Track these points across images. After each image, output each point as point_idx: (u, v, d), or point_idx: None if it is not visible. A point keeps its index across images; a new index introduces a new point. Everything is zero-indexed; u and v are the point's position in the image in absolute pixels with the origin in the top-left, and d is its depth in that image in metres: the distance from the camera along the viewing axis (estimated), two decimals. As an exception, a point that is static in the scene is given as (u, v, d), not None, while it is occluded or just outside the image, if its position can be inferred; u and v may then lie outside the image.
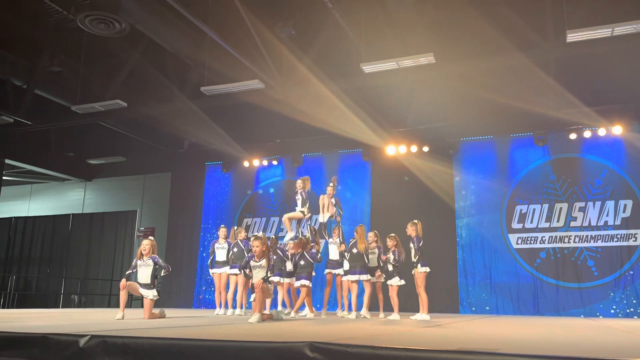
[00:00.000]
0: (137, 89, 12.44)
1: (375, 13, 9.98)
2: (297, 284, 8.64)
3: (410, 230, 8.13)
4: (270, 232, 13.96)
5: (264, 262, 6.48)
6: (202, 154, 14.58)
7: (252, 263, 6.57)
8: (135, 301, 14.80)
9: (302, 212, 9.00)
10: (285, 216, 9.26)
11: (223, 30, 9.38)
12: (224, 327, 4.98)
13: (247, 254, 8.02)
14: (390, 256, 8.10)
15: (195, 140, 14.16)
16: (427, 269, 8.03)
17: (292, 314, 8.44)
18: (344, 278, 8.54)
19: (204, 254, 13.90)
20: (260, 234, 7.09)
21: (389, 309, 8.47)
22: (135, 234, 15.61)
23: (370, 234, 8.79)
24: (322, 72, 10.71)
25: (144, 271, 7.18)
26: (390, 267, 8.12)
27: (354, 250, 8.35)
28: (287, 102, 11.26)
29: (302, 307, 8.74)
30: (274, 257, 8.30)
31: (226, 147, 13.47)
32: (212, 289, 13.87)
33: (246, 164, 14.19)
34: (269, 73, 10.57)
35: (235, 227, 9.78)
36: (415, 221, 8.21)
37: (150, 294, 7.08)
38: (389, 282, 8.17)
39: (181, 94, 11.95)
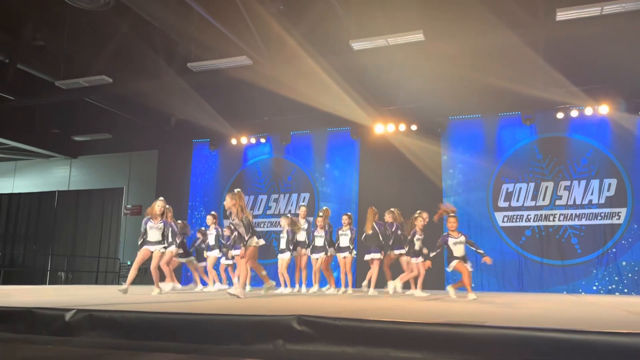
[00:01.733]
0: (123, 64, 12.22)
1: (365, -11, 9.86)
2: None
3: (388, 217, 8.91)
4: (258, 210, 13.97)
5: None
6: (190, 131, 14.44)
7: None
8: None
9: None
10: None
11: (211, 5, 9.20)
12: (212, 302, 5.00)
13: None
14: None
15: (183, 117, 14.01)
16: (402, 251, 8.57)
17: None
18: (366, 257, 8.72)
19: (192, 232, 13.88)
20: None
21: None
22: (122, 212, 15.53)
23: (344, 217, 9.09)
24: (311, 49, 10.58)
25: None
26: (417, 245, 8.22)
27: (370, 232, 8.68)
28: (275, 79, 11.14)
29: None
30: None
31: (214, 124, 13.34)
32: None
33: (234, 141, 14.10)
34: (257, 49, 10.44)
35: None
36: (392, 209, 8.94)
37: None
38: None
39: (168, 70, 11.76)
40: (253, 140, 14.13)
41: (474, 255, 11.63)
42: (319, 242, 9.08)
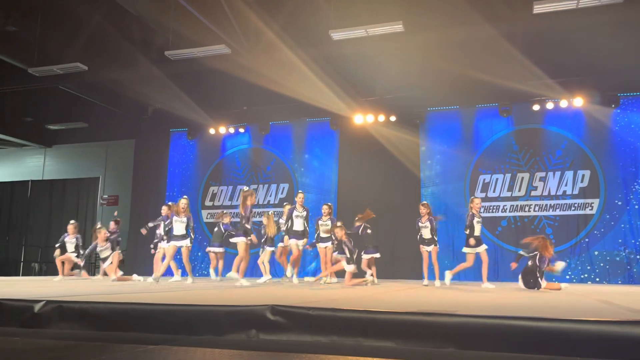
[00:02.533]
0: (99, 52, 11.96)
1: (345, -21, 9.80)
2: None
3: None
4: (237, 200, 13.89)
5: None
6: (167, 121, 14.25)
7: None
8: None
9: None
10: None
11: (188, -8, 9.06)
12: (185, 292, 4.96)
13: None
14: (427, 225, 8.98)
15: (160, 106, 13.82)
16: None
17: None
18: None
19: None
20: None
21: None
22: (98, 202, 15.31)
23: (325, 207, 9.37)
24: (291, 38, 10.51)
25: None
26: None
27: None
28: (254, 68, 11.04)
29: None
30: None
31: (191, 113, 13.19)
32: (178, 256, 13.80)
33: (212, 131, 13.97)
34: (235, 38, 10.32)
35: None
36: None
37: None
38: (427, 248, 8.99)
39: (145, 59, 11.57)
40: (232, 130, 14.01)
41: (451, 243, 11.80)
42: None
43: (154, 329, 3.06)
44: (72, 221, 11.30)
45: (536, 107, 11.58)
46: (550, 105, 11.48)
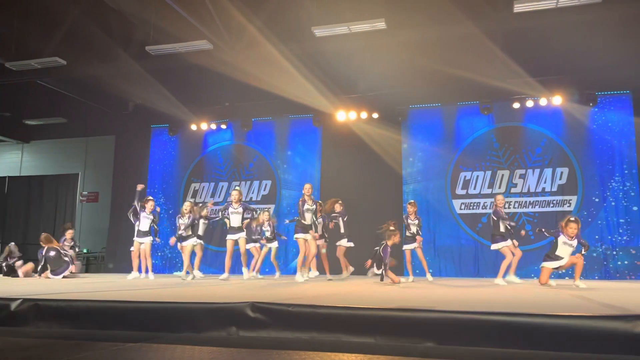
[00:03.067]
0: (78, 46, 11.77)
1: (328, -25, 9.79)
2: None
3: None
4: (219, 197, 13.82)
5: None
6: (148, 117, 14.10)
7: None
8: (93, 266, 14.47)
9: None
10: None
11: (169, -13, 8.96)
12: (165, 289, 4.93)
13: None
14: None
15: (141, 102, 13.66)
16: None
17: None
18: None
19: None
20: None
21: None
22: (78, 198, 15.11)
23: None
24: (273, 34, 10.47)
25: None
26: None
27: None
28: (236, 64, 10.97)
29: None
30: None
31: (173, 109, 13.06)
32: (159, 254, 13.72)
33: (194, 127, 13.86)
34: (218, 34, 10.25)
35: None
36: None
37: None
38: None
39: (125, 54, 11.42)
40: (213, 126, 13.92)
41: (432, 240, 11.89)
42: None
43: (133, 326, 3.04)
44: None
45: (516, 105, 11.72)
46: (530, 104, 11.63)
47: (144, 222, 9.58)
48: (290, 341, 2.70)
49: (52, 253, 9.62)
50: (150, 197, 10.41)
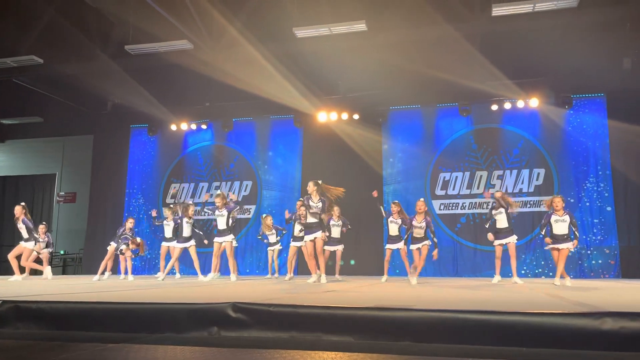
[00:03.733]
0: (55, 45, 11.61)
1: (309, -23, 9.83)
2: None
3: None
4: (199, 197, 13.76)
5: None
6: (127, 116, 13.98)
7: None
8: (70, 267, 14.29)
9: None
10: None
11: (149, -14, 8.90)
12: (145, 290, 4.92)
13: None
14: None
15: (120, 101, 13.52)
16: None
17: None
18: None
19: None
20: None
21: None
22: (55, 199, 14.90)
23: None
24: (254, 35, 10.47)
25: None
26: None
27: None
28: (217, 64, 10.95)
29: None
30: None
31: (152, 109, 12.97)
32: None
33: (173, 127, 13.78)
34: (198, 34, 10.21)
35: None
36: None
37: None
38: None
39: (104, 53, 11.30)
40: (194, 127, 13.86)
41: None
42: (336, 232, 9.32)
43: (115, 327, 3.04)
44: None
45: (494, 107, 11.92)
46: (507, 106, 11.84)
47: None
48: (271, 340, 2.74)
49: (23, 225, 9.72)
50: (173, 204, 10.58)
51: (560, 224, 7.51)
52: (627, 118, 10.90)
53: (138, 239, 9.81)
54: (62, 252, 14.38)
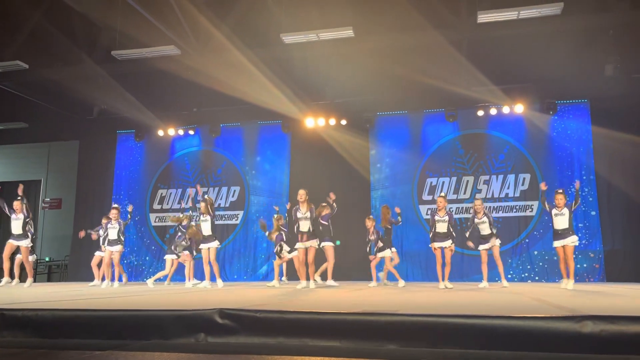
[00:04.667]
0: (41, 50, 11.53)
1: (297, -17, 9.89)
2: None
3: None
4: (186, 203, 13.69)
5: None
6: (113, 122, 13.88)
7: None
8: (55, 274, 14.14)
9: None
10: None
11: (136, -9, 8.89)
12: (133, 297, 4.90)
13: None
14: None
15: (106, 107, 13.43)
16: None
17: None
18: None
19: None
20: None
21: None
22: (40, 205, 14.74)
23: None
24: (241, 41, 10.49)
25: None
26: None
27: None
28: (204, 70, 10.95)
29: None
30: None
31: (139, 115, 12.90)
32: (124, 261, 13.48)
33: (160, 132, 13.71)
34: (185, 39, 10.21)
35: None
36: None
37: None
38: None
39: (90, 58, 11.25)
40: (181, 132, 13.81)
41: (399, 245, 12.05)
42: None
43: (101, 335, 3.03)
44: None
45: (480, 113, 12.04)
46: (493, 111, 11.96)
47: (112, 231, 9.43)
48: (258, 346, 2.75)
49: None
50: (115, 205, 10.22)
51: (560, 218, 7.66)
52: (610, 124, 11.07)
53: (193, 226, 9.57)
54: (47, 259, 14.22)
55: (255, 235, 13.05)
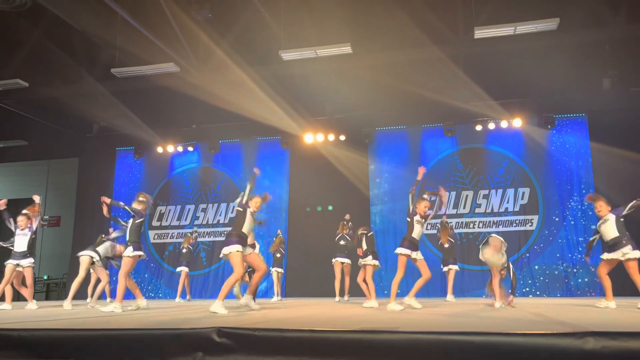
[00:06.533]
0: (40, 68, 11.59)
1: (295, 0, 9.97)
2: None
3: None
4: (185, 220, 13.66)
5: None
6: (113, 139, 13.91)
7: None
8: (54, 292, 14.04)
9: None
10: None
11: (136, 9, 8.97)
12: (129, 316, 4.85)
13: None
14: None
15: (105, 124, 13.47)
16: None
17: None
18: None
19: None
20: None
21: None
22: (39, 223, 14.67)
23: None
24: (241, 57, 10.56)
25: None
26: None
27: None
28: (203, 86, 10.99)
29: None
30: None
31: (139, 132, 12.93)
32: (114, 278, 13.41)
33: (160, 149, 13.73)
34: (185, 56, 10.27)
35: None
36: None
37: None
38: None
39: (90, 76, 11.31)
40: (180, 149, 13.83)
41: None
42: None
43: (97, 355, 2.99)
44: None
45: (479, 128, 12.07)
46: (491, 126, 11.99)
47: (20, 240, 7.87)
48: (256, 365, 2.71)
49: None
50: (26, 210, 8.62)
51: (607, 226, 6.34)
52: (608, 138, 11.07)
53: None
54: (45, 277, 14.14)
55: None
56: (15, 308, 7.62)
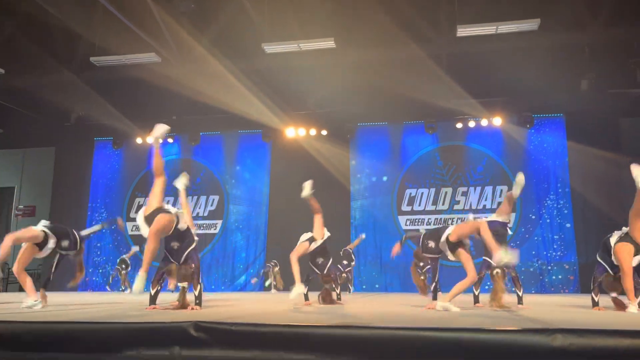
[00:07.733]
0: (17, 55, 11.34)
1: (279, -7, 9.92)
2: None
3: None
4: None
5: None
6: (91, 129, 13.68)
7: None
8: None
9: None
10: None
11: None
12: (109, 310, 4.82)
13: None
14: None
15: (84, 113, 13.24)
16: None
17: None
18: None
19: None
20: None
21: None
22: (13, 213, 14.44)
23: None
24: (223, 50, 10.48)
25: None
26: None
27: None
28: (185, 78, 10.88)
29: None
30: None
31: (117, 122, 12.73)
32: (100, 270, 13.29)
33: (139, 140, 13.56)
34: (166, 47, 10.15)
35: None
36: None
37: None
38: None
39: (68, 64, 11.10)
40: (160, 140, 13.64)
41: (379, 256, 12.08)
42: None
43: (74, 348, 2.96)
44: None
45: (459, 125, 12.19)
46: (472, 124, 12.12)
47: None
48: (232, 359, 2.72)
49: None
50: None
51: None
52: (584, 138, 11.29)
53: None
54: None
55: (234, 245, 12.97)
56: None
